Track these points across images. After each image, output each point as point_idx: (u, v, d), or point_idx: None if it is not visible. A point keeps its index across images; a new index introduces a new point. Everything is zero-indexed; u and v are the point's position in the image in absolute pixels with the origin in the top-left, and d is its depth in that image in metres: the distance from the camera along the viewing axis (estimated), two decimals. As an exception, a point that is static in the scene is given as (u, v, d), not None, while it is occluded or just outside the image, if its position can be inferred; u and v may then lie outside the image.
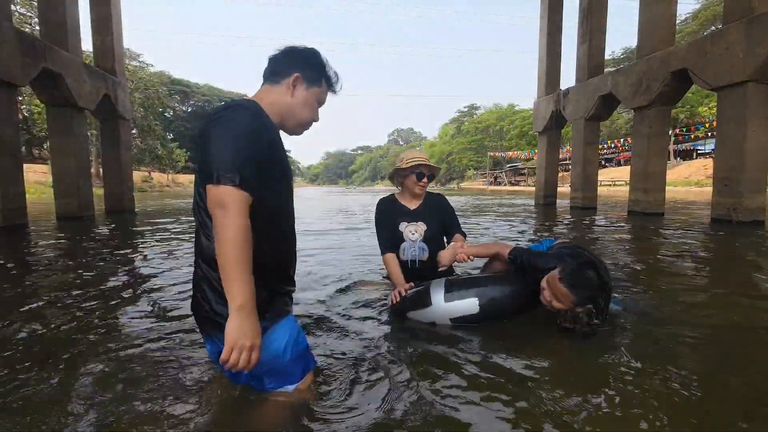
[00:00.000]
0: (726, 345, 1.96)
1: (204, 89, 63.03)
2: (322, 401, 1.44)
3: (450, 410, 1.39)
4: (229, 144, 1.19)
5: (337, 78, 1.53)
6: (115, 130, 10.90)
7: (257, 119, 1.27)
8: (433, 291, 2.16)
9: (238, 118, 1.24)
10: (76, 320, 2.36)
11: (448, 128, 75.36)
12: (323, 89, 1.49)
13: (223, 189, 1.15)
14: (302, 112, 1.46)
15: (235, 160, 1.17)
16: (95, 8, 10.46)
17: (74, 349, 1.92)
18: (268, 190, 1.30)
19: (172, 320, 2.35)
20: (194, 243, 1.35)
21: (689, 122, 31.96)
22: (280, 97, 1.43)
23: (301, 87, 1.44)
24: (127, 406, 1.43)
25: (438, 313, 2.12)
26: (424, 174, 2.53)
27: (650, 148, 9.01)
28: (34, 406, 1.43)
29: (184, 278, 3.35)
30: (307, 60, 1.46)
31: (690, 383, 1.54)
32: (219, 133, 1.21)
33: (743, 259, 4.28)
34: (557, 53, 13.40)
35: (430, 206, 2.62)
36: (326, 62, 1.50)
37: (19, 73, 6.96)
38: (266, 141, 1.28)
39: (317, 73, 1.46)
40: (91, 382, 1.60)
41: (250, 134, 1.22)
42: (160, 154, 37.64)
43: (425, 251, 2.51)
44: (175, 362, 1.77)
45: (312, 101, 1.47)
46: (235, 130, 1.21)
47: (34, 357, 1.84)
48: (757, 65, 6.56)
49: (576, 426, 1.29)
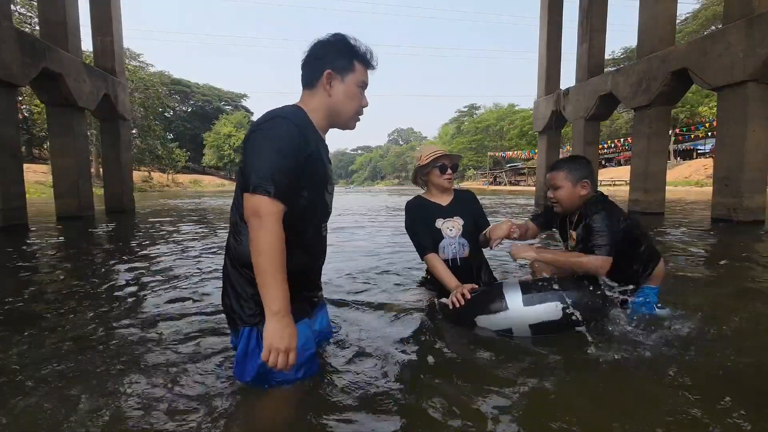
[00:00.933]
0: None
1: (204, 89, 63.08)
2: (328, 403, 1.44)
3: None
4: (267, 155, 1.24)
5: (371, 53, 1.45)
6: (115, 130, 10.90)
7: (297, 130, 1.30)
8: (508, 293, 1.88)
9: (278, 129, 1.28)
10: (77, 320, 2.36)
11: (448, 128, 75.38)
12: (360, 71, 1.43)
13: (258, 199, 1.21)
14: (346, 106, 1.43)
15: (272, 171, 1.22)
16: (95, 8, 10.46)
17: (74, 349, 1.92)
18: (298, 199, 1.34)
19: (172, 320, 2.35)
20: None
21: (689, 122, 31.97)
22: (320, 101, 1.43)
23: (337, 81, 1.41)
24: (127, 407, 1.43)
25: (515, 318, 1.84)
26: (446, 165, 2.39)
27: (650, 148, 9.01)
28: (35, 406, 1.43)
29: (183, 278, 3.35)
30: (333, 50, 1.40)
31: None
32: (258, 143, 1.27)
33: (743, 258, 4.27)
34: (557, 53, 13.40)
35: (462, 201, 2.49)
36: (354, 42, 1.43)
37: (19, 73, 6.95)
38: (304, 153, 1.32)
39: (347, 59, 1.41)
40: (90, 383, 1.60)
41: (288, 146, 1.27)
42: (160, 154, 37.65)
43: (465, 247, 2.37)
44: (174, 361, 1.77)
45: (353, 90, 1.42)
46: (273, 141, 1.26)
47: (34, 357, 1.84)
48: (757, 65, 6.56)
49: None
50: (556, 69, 13.37)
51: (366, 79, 1.46)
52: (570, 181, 2.06)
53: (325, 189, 1.48)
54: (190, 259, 4.21)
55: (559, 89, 12.72)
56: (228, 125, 55.73)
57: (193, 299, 2.75)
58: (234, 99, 68.28)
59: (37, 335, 2.13)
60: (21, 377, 1.65)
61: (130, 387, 1.56)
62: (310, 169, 1.35)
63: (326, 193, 1.50)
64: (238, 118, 58.06)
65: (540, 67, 13.59)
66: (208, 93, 63.36)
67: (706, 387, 1.52)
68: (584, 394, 1.49)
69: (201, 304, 2.65)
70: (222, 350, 1.88)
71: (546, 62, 13.25)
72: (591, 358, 1.73)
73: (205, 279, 3.32)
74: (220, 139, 54.80)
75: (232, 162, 55.73)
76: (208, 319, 2.35)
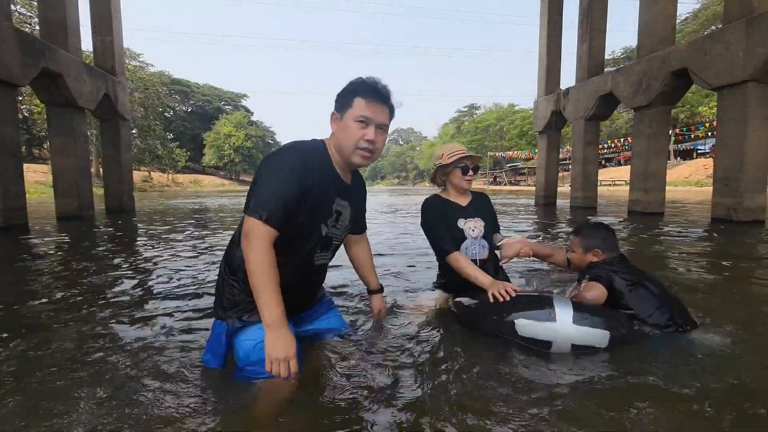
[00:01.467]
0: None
1: (204, 89, 63.07)
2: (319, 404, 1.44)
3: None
4: (267, 182, 1.37)
5: (374, 87, 1.49)
6: (115, 130, 10.91)
7: (300, 162, 1.40)
8: (559, 306, 1.79)
9: (283, 159, 1.40)
10: (77, 320, 2.36)
11: (448, 128, 75.35)
12: (359, 106, 1.48)
13: (251, 222, 1.33)
14: (344, 140, 1.49)
15: (269, 198, 1.34)
16: (95, 8, 10.47)
17: (74, 349, 1.92)
18: (290, 227, 1.43)
19: (172, 320, 2.35)
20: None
21: (689, 122, 31.98)
22: (331, 140, 1.57)
23: (336, 119, 1.53)
24: (125, 407, 1.43)
25: (562, 333, 1.74)
26: (468, 167, 2.32)
27: (650, 148, 9.01)
28: (34, 408, 1.43)
29: (183, 277, 3.35)
30: (341, 93, 1.52)
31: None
32: (263, 170, 1.40)
33: (744, 258, 4.28)
34: (557, 53, 13.40)
35: (479, 203, 2.44)
36: (356, 81, 1.52)
37: (19, 73, 6.95)
38: (304, 184, 1.41)
39: (349, 97, 1.49)
40: (90, 383, 1.60)
41: (288, 176, 1.37)
42: (160, 153, 37.65)
43: (485, 248, 2.31)
44: (173, 362, 1.77)
45: (349, 123, 1.48)
46: (276, 170, 1.38)
47: (34, 357, 1.84)
48: (757, 65, 6.56)
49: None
50: (556, 69, 13.37)
51: (367, 113, 1.48)
52: (581, 248, 2.22)
53: (323, 222, 1.55)
54: (190, 259, 4.21)
55: (559, 89, 12.72)
56: (228, 125, 55.73)
57: (192, 299, 2.75)
58: (234, 99, 68.28)
59: (36, 335, 2.13)
60: (21, 377, 1.65)
61: (130, 388, 1.56)
62: (310, 201, 1.45)
63: (324, 226, 1.56)
64: (238, 118, 58.04)
65: (540, 67, 13.59)
66: (208, 93, 63.35)
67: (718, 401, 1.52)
68: (600, 406, 1.41)
69: (201, 303, 2.65)
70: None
71: (546, 62, 13.25)
72: (608, 374, 1.64)
73: (205, 279, 3.32)
74: (220, 139, 54.80)
75: (232, 162, 55.72)
76: (208, 318, 2.35)
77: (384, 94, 1.51)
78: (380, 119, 1.51)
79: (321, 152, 1.51)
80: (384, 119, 1.53)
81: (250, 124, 60.22)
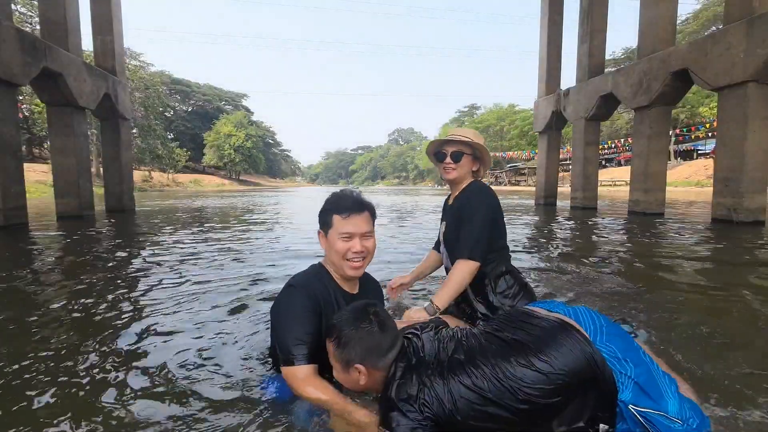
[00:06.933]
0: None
1: (204, 89, 63.07)
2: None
3: None
4: (284, 327, 1.41)
5: (340, 200, 1.54)
6: (115, 130, 10.91)
7: (306, 295, 1.45)
8: None
9: (291, 301, 1.45)
10: (76, 320, 2.36)
11: (449, 128, 75.17)
12: (338, 223, 1.51)
13: (287, 371, 1.37)
14: (332, 255, 1.54)
15: (292, 342, 1.37)
16: (95, 7, 10.47)
17: (74, 349, 1.92)
18: (317, 345, 1.43)
19: (171, 319, 2.35)
20: None
21: (689, 122, 31.96)
22: (326, 259, 1.60)
23: (323, 237, 1.58)
24: (126, 408, 1.43)
25: None
26: (444, 154, 1.92)
27: (650, 148, 9.02)
28: (35, 407, 1.43)
29: (183, 277, 3.35)
30: (321, 213, 1.57)
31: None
32: (276, 317, 1.46)
33: (744, 258, 4.28)
34: (558, 53, 13.40)
35: (462, 201, 1.92)
36: (331, 199, 1.55)
37: (20, 73, 6.95)
38: (318, 310, 1.44)
39: (327, 216, 1.54)
40: (91, 386, 1.60)
41: (302, 313, 1.42)
42: (161, 153, 37.60)
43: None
44: (171, 364, 1.77)
45: (333, 240, 1.52)
46: (289, 313, 1.43)
47: (32, 358, 1.84)
48: (757, 65, 6.56)
49: None
50: (556, 69, 13.38)
51: (348, 228, 1.51)
52: (341, 362, 1.30)
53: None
54: (190, 259, 4.21)
55: (560, 89, 12.72)
56: (228, 125, 55.70)
57: (192, 299, 2.75)
58: (234, 99, 68.28)
59: (36, 335, 2.13)
60: (20, 377, 1.65)
61: (129, 388, 1.56)
62: (326, 319, 1.47)
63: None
64: (238, 117, 58.03)
65: (540, 68, 13.60)
66: (209, 93, 63.36)
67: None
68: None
69: (201, 304, 2.65)
70: (220, 351, 1.88)
71: (546, 62, 13.25)
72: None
73: (204, 279, 3.32)
74: (221, 138, 54.77)
75: (233, 162, 55.71)
76: (207, 318, 2.35)
77: (359, 204, 1.54)
78: (362, 229, 1.53)
79: (321, 275, 1.56)
80: (366, 227, 1.54)
81: (250, 123, 60.26)
